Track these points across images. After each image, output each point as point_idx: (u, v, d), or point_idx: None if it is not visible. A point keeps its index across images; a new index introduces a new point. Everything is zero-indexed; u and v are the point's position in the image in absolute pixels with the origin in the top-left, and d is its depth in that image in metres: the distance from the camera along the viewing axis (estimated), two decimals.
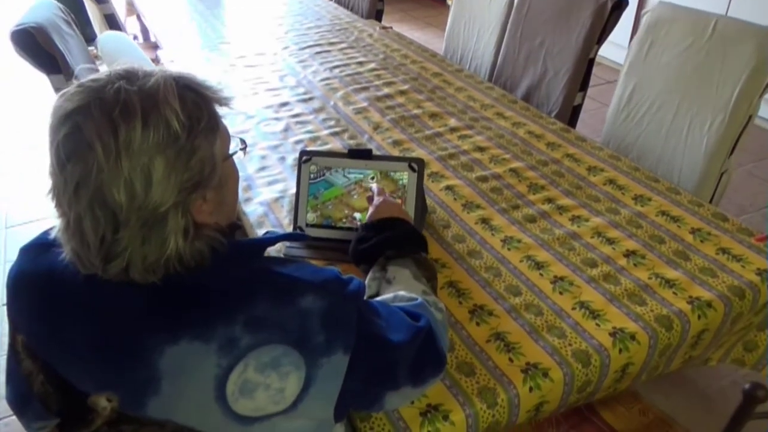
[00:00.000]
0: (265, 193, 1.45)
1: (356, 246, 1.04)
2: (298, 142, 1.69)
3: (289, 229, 1.29)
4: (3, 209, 2.72)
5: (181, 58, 2.35)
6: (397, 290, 0.92)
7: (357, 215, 1.23)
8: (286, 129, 1.77)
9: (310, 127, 1.78)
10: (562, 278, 1.15)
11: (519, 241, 1.26)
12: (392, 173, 1.24)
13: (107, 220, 0.65)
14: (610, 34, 1.91)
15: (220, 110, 0.76)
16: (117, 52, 1.40)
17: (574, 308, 1.08)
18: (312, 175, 1.26)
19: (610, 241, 1.25)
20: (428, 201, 1.40)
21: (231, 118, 1.82)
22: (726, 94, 1.50)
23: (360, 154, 1.26)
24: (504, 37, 2.20)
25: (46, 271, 0.73)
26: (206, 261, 0.70)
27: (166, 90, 0.67)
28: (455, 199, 1.41)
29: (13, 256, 0.80)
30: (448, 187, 1.46)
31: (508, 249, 1.24)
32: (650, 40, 1.68)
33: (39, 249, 0.76)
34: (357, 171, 1.25)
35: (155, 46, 2.77)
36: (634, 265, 1.18)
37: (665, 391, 1.70)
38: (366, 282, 0.97)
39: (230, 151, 0.78)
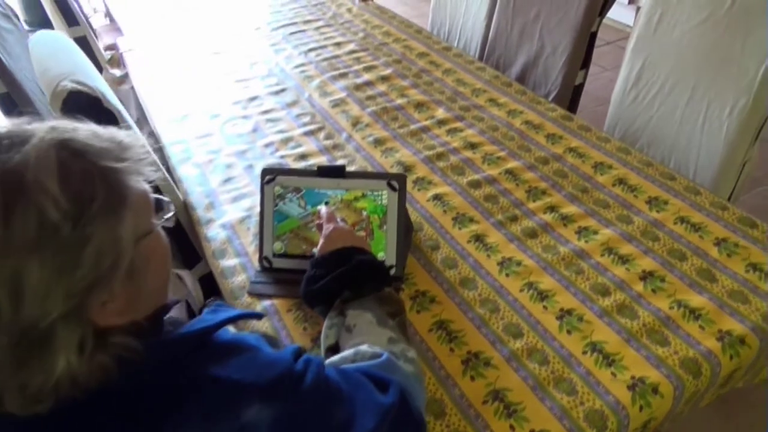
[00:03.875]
0: (230, 212, 1.28)
1: (307, 286, 0.88)
2: (268, 145, 1.51)
3: (255, 258, 1.12)
4: None
5: (142, 46, 2.14)
6: (359, 342, 0.77)
7: (316, 251, 1.06)
8: (255, 129, 1.58)
9: (282, 126, 1.59)
10: (569, 311, 0.99)
11: (519, 263, 1.10)
12: (354, 202, 1.07)
13: None
14: None
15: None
16: (49, 58, 1.21)
17: (585, 352, 0.92)
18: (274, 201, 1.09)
19: (624, 260, 1.09)
20: (414, 216, 1.23)
21: (194, 120, 1.64)
22: (750, 73, 1.31)
23: (331, 171, 1.08)
24: (495, 9, 1.98)
25: None
26: (112, 376, 0.53)
27: (39, 166, 0.50)
28: (445, 211, 1.24)
29: None
30: (437, 197, 1.28)
31: (506, 275, 1.07)
32: (660, 11, 1.48)
33: None
34: (320, 194, 1.08)
35: (117, 29, 2.55)
36: (653, 290, 1.02)
37: None
38: (323, 330, 0.82)
39: (150, 225, 0.61)
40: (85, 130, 0.56)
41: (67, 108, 1.09)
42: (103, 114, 1.12)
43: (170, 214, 0.66)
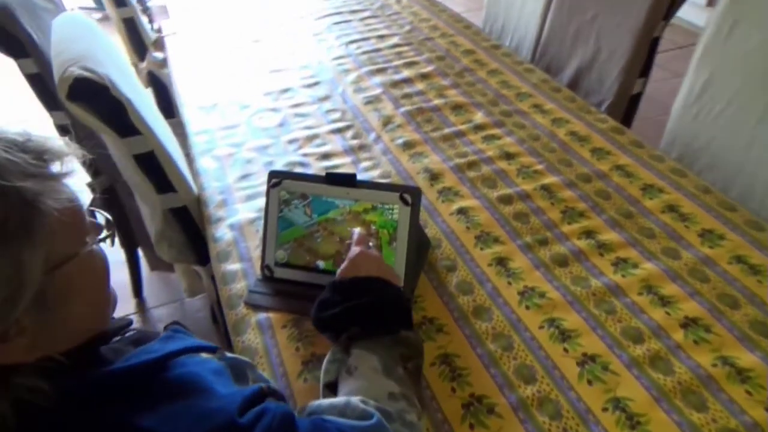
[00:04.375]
0: (241, 212, 1.21)
1: (318, 311, 0.79)
2: (292, 141, 1.43)
3: (258, 265, 1.05)
4: None
5: (184, 30, 2.10)
6: (356, 389, 0.68)
7: (320, 263, 0.98)
8: (282, 123, 1.51)
9: (310, 121, 1.51)
10: (593, 358, 0.87)
11: (542, 294, 0.98)
12: (363, 214, 0.98)
13: None
14: None
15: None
16: (65, 41, 1.17)
17: (605, 408, 0.80)
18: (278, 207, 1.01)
19: (665, 301, 0.95)
20: (433, 231, 1.13)
21: (222, 109, 1.58)
22: None
23: (341, 179, 0.99)
24: (550, 8, 1.84)
25: None
26: (10, 426, 0.46)
27: None
28: (468, 227, 1.13)
29: None
30: (461, 210, 1.17)
31: (527, 307, 0.96)
32: (733, 18, 1.31)
33: None
34: (328, 202, 0.99)
35: (164, 11, 2.54)
36: (695, 342, 0.88)
37: None
38: (324, 364, 0.74)
39: (73, 249, 0.53)
40: None
41: (73, 95, 1.04)
42: (112, 103, 1.07)
43: (103, 235, 0.58)
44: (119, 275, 2.06)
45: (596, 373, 0.85)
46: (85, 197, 0.61)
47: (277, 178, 1.02)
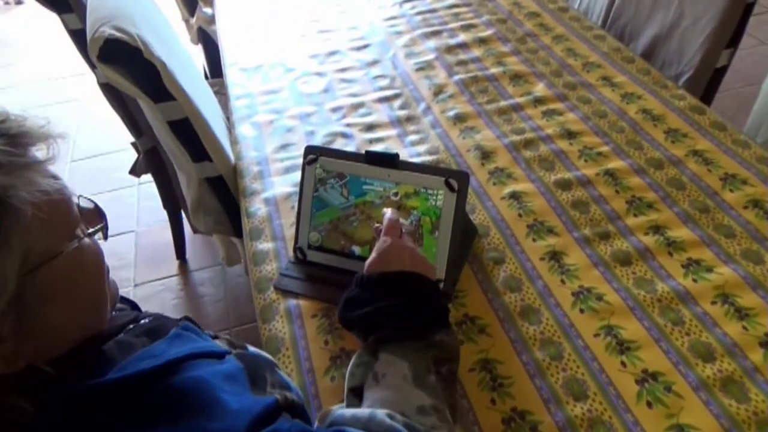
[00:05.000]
0: (278, 185, 1.15)
1: (345, 309, 0.72)
2: (336, 109, 1.35)
3: (291, 246, 0.98)
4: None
5: None
6: (382, 399, 0.61)
7: (356, 249, 0.90)
8: (327, 89, 1.42)
9: (356, 88, 1.42)
10: (654, 375, 0.77)
11: (600, 297, 0.88)
12: (405, 199, 0.89)
13: None
14: None
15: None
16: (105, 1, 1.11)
17: None
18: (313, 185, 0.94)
19: (743, 314, 0.84)
20: (482, 216, 1.03)
21: (266, 72, 1.51)
22: None
23: (381, 159, 0.91)
24: None
25: None
26: None
27: None
28: (520, 215, 1.03)
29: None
30: (514, 195, 1.07)
31: (581, 310, 0.86)
32: None
33: None
34: (366, 184, 0.91)
35: None
36: None
37: None
38: (350, 367, 0.67)
39: (57, 247, 0.47)
40: None
41: (104, 57, 0.98)
42: (144, 66, 1.01)
43: (94, 229, 0.51)
44: (163, 236, 2.06)
45: (657, 393, 0.75)
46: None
47: (313, 154, 0.94)
